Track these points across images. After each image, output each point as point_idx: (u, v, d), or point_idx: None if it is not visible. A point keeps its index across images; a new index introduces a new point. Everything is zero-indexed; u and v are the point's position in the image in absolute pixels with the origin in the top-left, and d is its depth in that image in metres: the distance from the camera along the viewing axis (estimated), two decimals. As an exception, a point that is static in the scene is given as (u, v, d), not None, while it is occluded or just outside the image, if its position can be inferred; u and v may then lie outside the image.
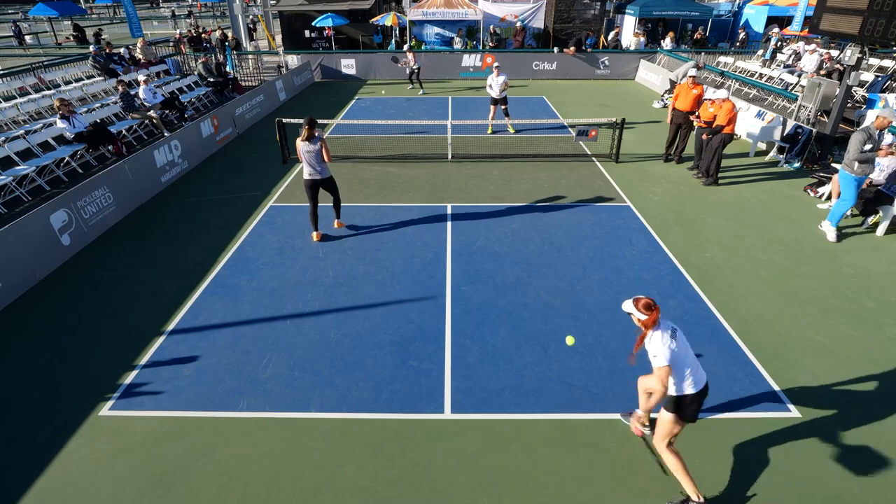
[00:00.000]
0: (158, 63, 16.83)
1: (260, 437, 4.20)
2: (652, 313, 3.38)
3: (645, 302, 3.40)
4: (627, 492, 3.75)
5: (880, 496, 3.71)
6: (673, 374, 3.40)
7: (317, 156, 6.73)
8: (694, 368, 3.49)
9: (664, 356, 3.31)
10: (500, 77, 11.46)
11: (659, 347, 3.33)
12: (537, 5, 22.06)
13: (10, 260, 6.04)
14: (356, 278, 6.38)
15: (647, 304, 3.39)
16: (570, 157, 10.60)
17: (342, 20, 20.97)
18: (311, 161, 6.75)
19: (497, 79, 11.45)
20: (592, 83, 18.63)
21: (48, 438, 4.20)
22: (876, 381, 4.76)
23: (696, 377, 3.48)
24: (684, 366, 3.44)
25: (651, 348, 3.38)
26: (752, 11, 23.23)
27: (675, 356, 3.37)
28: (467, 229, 7.56)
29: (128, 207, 8.26)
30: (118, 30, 35.79)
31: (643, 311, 3.39)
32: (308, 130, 6.60)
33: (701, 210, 8.23)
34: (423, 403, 4.51)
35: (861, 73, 12.27)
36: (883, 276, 6.45)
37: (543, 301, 5.91)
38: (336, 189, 7.33)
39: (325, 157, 6.78)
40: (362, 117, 13.74)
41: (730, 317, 5.63)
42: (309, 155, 6.71)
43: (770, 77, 16.16)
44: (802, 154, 10.09)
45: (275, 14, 24.52)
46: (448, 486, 3.80)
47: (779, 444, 4.11)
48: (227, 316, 5.70)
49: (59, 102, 9.96)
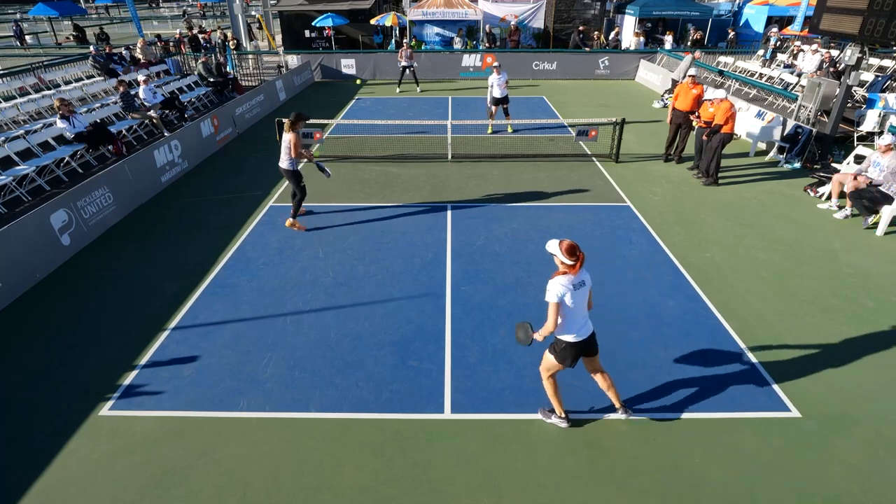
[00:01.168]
0: (158, 63, 16.83)
1: (260, 437, 4.20)
2: (576, 261, 3.62)
3: (568, 245, 3.62)
4: (627, 492, 3.75)
5: (880, 496, 3.71)
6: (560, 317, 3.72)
7: (285, 147, 7.06)
8: (581, 323, 3.83)
9: (555, 295, 3.62)
10: (501, 76, 11.45)
11: (556, 287, 3.63)
12: (537, 5, 22.07)
13: (10, 260, 6.03)
14: (356, 278, 6.38)
15: (570, 247, 3.62)
16: (570, 157, 10.60)
17: (342, 20, 20.98)
18: (282, 149, 7.13)
19: (498, 77, 11.43)
20: (592, 83, 18.63)
21: (48, 438, 4.20)
22: (876, 381, 4.76)
23: (578, 330, 3.81)
24: (571, 316, 3.75)
25: (550, 285, 3.66)
26: (752, 11, 23.25)
27: (566, 302, 3.66)
28: (467, 229, 7.56)
29: (128, 207, 8.26)
30: (118, 30, 35.79)
31: (566, 255, 3.61)
32: (290, 122, 6.98)
33: (701, 210, 8.23)
34: (423, 403, 4.51)
35: (861, 72, 12.28)
36: (883, 276, 6.44)
37: (543, 301, 5.88)
38: (298, 186, 7.34)
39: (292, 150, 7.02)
40: (362, 117, 13.74)
41: (730, 317, 5.63)
42: (283, 144, 7.10)
43: (770, 77, 16.17)
44: (802, 154, 10.09)
45: (275, 14, 24.52)
46: (448, 486, 3.80)
47: (779, 444, 4.11)
48: (227, 316, 5.70)
49: (59, 102, 9.96)
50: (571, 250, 3.61)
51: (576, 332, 3.81)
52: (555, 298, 3.64)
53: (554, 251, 3.66)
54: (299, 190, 7.35)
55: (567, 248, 3.61)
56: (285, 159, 7.13)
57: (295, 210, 7.47)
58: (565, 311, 3.70)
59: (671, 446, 4.10)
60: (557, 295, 3.63)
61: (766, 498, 3.69)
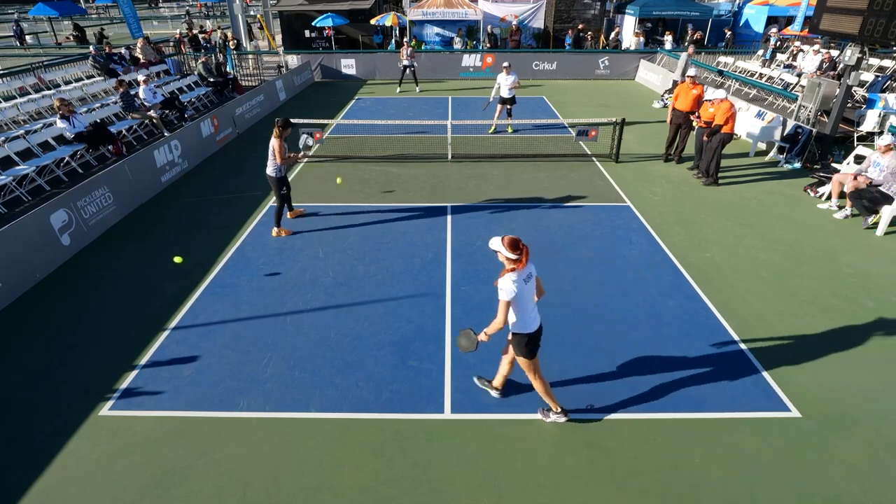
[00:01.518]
0: (158, 63, 16.82)
1: (260, 437, 4.20)
2: (521, 255, 3.66)
3: (511, 240, 3.66)
4: (627, 492, 3.75)
5: (880, 496, 3.71)
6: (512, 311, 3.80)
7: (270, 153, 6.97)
8: (534, 315, 3.90)
9: (509, 293, 3.65)
10: (511, 76, 11.41)
11: (508, 285, 3.65)
12: (537, 5, 22.08)
13: (10, 260, 6.03)
14: (356, 278, 6.38)
15: (513, 241, 3.66)
16: (570, 157, 10.60)
17: (342, 20, 20.99)
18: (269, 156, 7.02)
19: (507, 78, 11.39)
20: (592, 83, 18.63)
21: (48, 438, 4.20)
22: (876, 381, 4.76)
23: (532, 321, 3.89)
24: (525, 310, 3.81)
25: (502, 282, 3.68)
26: (752, 11, 23.25)
27: (517, 297, 3.71)
28: (467, 229, 7.56)
29: (128, 207, 8.26)
30: (119, 30, 35.78)
31: (510, 250, 3.64)
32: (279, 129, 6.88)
33: (701, 210, 8.23)
34: (423, 403, 4.51)
35: (861, 72, 12.28)
36: (883, 276, 6.45)
37: (543, 301, 5.87)
38: (277, 194, 7.23)
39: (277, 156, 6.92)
40: (362, 117, 13.74)
41: (730, 317, 5.63)
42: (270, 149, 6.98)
43: (770, 77, 16.17)
44: (802, 154, 10.09)
45: (275, 14, 24.52)
46: (448, 486, 3.80)
47: (779, 444, 4.11)
48: (227, 316, 5.70)
49: (59, 102, 9.95)
50: (514, 245, 3.65)
51: (532, 323, 3.90)
52: (507, 297, 3.67)
53: (497, 248, 3.69)
54: (279, 198, 7.25)
55: (510, 243, 3.64)
56: (271, 166, 7.02)
57: (277, 218, 7.37)
58: (520, 307, 3.76)
59: (671, 446, 4.10)
60: (510, 293, 3.66)
61: (766, 498, 3.69)
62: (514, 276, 3.69)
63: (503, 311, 3.70)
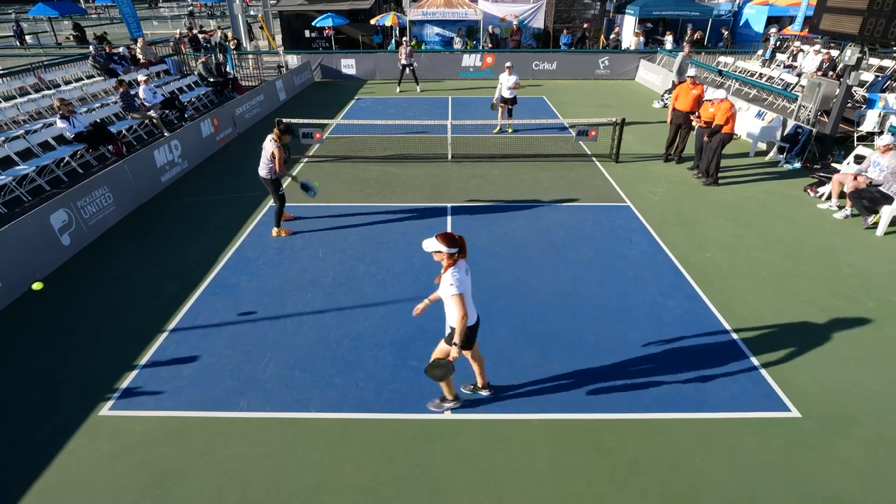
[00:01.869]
0: (158, 63, 16.82)
1: (260, 437, 4.20)
2: (459, 247, 3.69)
3: (445, 235, 3.68)
4: (627, 492, 3.75)
5: (880, 496, 3.71)
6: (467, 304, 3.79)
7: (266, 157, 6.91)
8: (473, 307, 3.93)
9: (460, 285, 3.66)
10: (513, 77, 11.39)
11: (457, 277, 3.66)
12: (537, 5, 22.08)
13: (10, 260, 6.03)
14: (356, 278, 6.38)
15: (447, 237, 3.67)
16: (570, 157, 10.60)
17: (342, 20, 20.99)
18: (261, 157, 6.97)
19: (509, 78, 11.37)
20: (592, 83, 18.63)
21: (48, 438, 4.20)
22: (876, 381, 4.76)
23: (472, 311, 3.91)
24: (469, 301, 3.83)
25: (452, 277, 3.66)
26: (752, 11, 23.25)
27: (467, 289, 3.75)
28: (467, 229, 7.55)
29: (128, 207, 8.26)
30: (119, 29, 35.78)
31: (448, 245, 3.65)
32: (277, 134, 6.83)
33: (701, 210, 8.23)
34: (423, 403, 4.51)
35: (861, 72, 12.28)
36: (883, 276, 6.44)
37: (543, 301, 5.91)
38: (275, 195, 7.21)
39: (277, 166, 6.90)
40: (362, 117, 13.74)
41: (730, 317, 5.63)
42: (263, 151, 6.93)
43: (770, 77, 16.17)
44: (802, 154, 10.09)
45: (275, 14, 24.52)
46: (448, 486, 3.80)
47: (779, 444, 4.11)
48: (227, 316, 5.70)
49: (59, 102, 9.95)
50: (450, 239, 3.66)
51: (474, 314, 3.93)
52: (460, 289, 3.67)
53: (434, 248, 3.68)
54: (278, 199, 7.22)
55: (446, 239, 3.66)
56: (265, 168, 6.96)
57: (277, 219, 7.35)
58: (466, 299, 3.77)
59: (671, 446, 4.10)
60: (461, 285, 3.68)
61: (766, 498, 3.69)
62: (459, 270, 3.71)
63: (461, 306, 3.67)
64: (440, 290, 3.79)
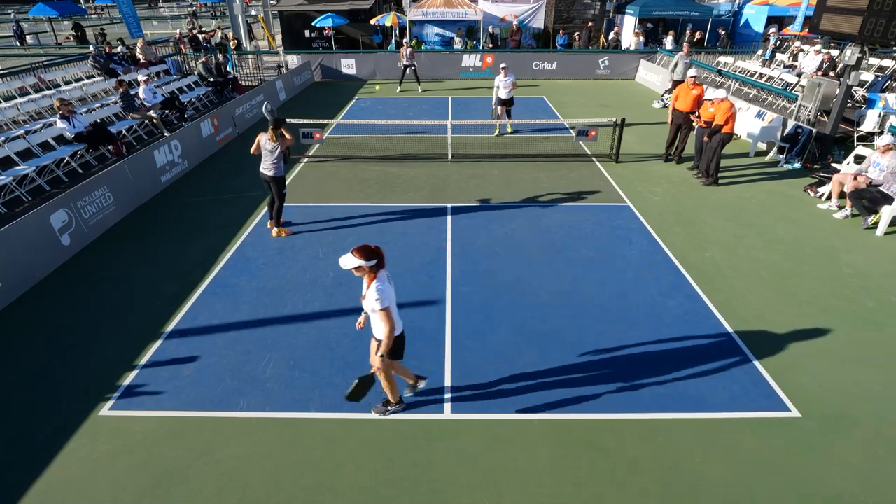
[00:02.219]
0: (158, 63, 16.82)
1: (260, 437, 4.20)
2: (379, 257, 3.60)
3: (362, 249, 3.56)
4: (627, 492, 3.75)
5: (880, 496, 3.71)
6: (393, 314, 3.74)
7: (275, 156, 6.91)
8: (398, 317, 3.88)
9: (387, 298, 3.61)
10: (509, 77, 11.38)
11: (383, 291, 3.60)
12: (537, 5, 22.08)
13: (10, 260, 6.03)
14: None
15: (365, 249, 3.56)
16: (570, 157, 10.60)
17: (342, 20, 20.99)
18: (267, 157, 6.95)
19: (505, 79, 11.36)
20: (592, 83, 18.63)
21: (48, 438, 4.20)
22: (876, 381, 4.76)
23: (398, 323, 3.86)
24: (395, 310, 3.78)
25: (377, 291, 3.59)
26: (752, 11, 23.24)
27: (392, 300, 3.70)
28: (467, 229, 7.56)
29: (128, 207, 8.26)
30: (119, 29, 35.78)
31: (366, 258, 3.55)
32: (273, 130, 6.82)
33: (701, 210, 8.23)
34: (423, 403, 4.51)
35: (861, 72, 12.28)
36: (883, 276, 6.44)
37: (543, 301, 5.91)
38: (280, 194, 7.21)
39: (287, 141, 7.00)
40: (362, 117, 13.74)
41: (730, 317, 5.63)
42: (267, 152, 6.92)
43: (770, 77, 16.16)
44: (802, 154, 10.09)
45: (275, 14, 24.52)
46: (448, 486, 3.80)
47: (779, 444, 4.11)
48: (227, 316, 5.70)
49: (59, 102, 9.95)
50: (368, 252, 3.57)
51: (400, 324, 3.89)
52: (388, 302, 3.61)
53: (352, 264, 3.56)
54: (279, 197, 7.22)
55: (364, 253, 3.55)
56: (271, 167, 6.95)
57: (277, 217, 7.36)
58: (392, 310, 3.72)
59: (671, 446, 4.10)
60: (388, 297, 3.62)
61: (766, 498, 3.69)
62: (380, 282, 3.63)
63: (388, 320, 3.63)
64: (365, 305, 3.69)
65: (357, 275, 3.66)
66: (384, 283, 3.64)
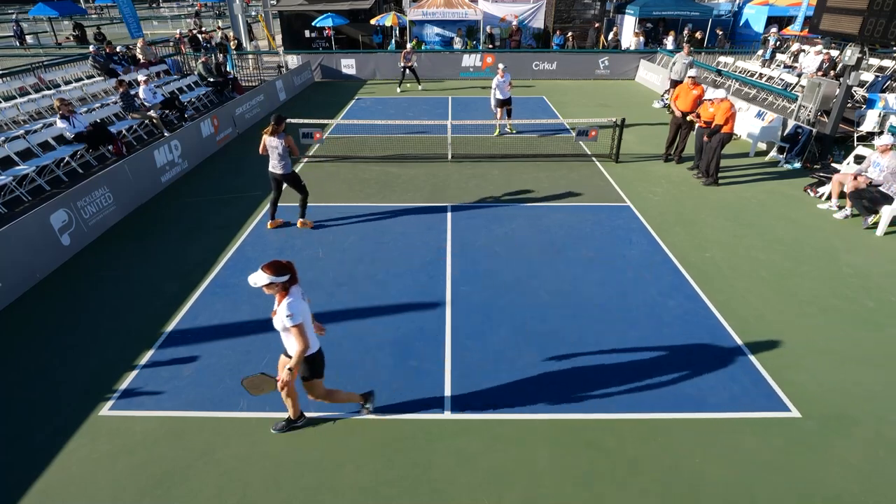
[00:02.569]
0: (158, 63, 16.82)
1: (260, 437, 4.20)
2: (291, 272, 3.45)
3: (272, 265, 3.40)
4: (627, 492, 3.75)
5: (880, 496, 3.71)
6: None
7: (279, 152, 6.98)
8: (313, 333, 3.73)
9: (299, 314, 3.44)
10: (505, 78, 11.36)
11: (295, 307, 3.43)
12: (537, 5, 22.08)
13: (10, 260, 6.03)
14: (356, 278, 6.37)
15: (276, 266, 3.41)
16: (570, 157, 10.60)
17: (342, 20, 20.99)
18: (273, 155, 7.03)
19: (502, 80, 11.33)
20: (592, 83, 18.63)
21: (48, 438, 4.20)
22: (876, 380, 4.76)
23: (314, 339, 3.69)
24: (310, 327, 3.62)
25: (289, 308, 3.42)
26: (752, 11, 23.24)
27: (306, 317, 3.53)
28: (467, 229, 7.56)
29: (128, 207, 8.26)
30: (119, 29, 35.78)
31: (277, 274, 3.39)
32: (273, 126, 6.89)
33: (701, 210, 8.23)
34: (423, 403, 4.51)
35: (861, 72, 12.28)
36: (883, 276, 6.44)
37: (543, 301, 5.91)
38: (300, 187, 7.39)
39: (292, 151, 7.11)
40: (362, 117, 13.74)
41: (730, 317, 5.63)
42: (272, 150, 7.00)
43: (770, 77, 16.17)
44: (802, 154, 10.09)
45: (275, 14, 24.52)
46: (448, 486, 3.80)
47: (779, 444, 4.11)
48: (227, 316, 5.70)
49: (59, 102, 9.95)
50: (278, 268, 3.42)
51: (316, 339, 3.74)
52: (300, 318, 3.46)
53: (263, 281, 3.38)
54: (301, 189, 7.40)
55: (275, 269, 3.40)
56: (279, 165, 7.03)
57: (303, 209, 7.56)
58: (306, 326, 3.55)
59: (671, 446, 4.10)
60: (301, 313, 3.46)
61: (766, 498, 3.69)
62: (292, 298, 3.47)
63: (301, 337, 3.47)
64: (276, 323, 3.52)
65: (268, 292, 3.47)
66: (297, 299, 3.48)
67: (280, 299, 3.49)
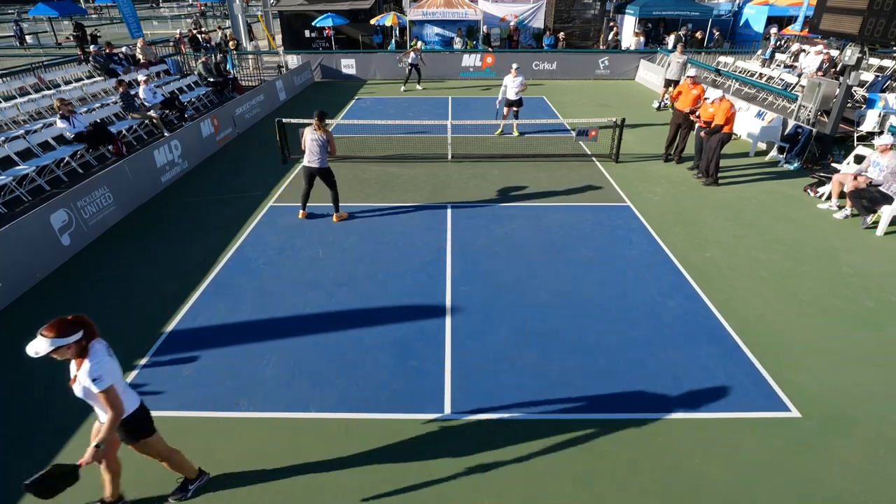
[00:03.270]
0: (158, 63, 16.82)
1: (260, 437, 4.20)
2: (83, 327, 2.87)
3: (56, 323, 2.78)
4: (627, 492, 3.75)
5: (880, 496, 3.71)
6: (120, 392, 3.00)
7: (319, 145, 7.31)
8: (130, 389, 3.22)
9: (109, 375, 2.90)
10: (518, 78, 11.31)
11: (100, 367, 2.87)
12: (537, 5, 22.06)
13: (10, 260, 6.03)
14: (356, 278, 6.37)
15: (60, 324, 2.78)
16: (570, 157, 10.60)
17: (342, 20, 20.97)
18: (313, 149, 7.35)
19: (514, 80, 11.29)
20: (592, 83, 18.63)
21: (48, 438, 4.20)
22: (876, 380, 4.76)
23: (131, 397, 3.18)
24: (123, 384, 3.10)
25: (92, 371, 2.84)
26: (752, 11, 23.24)
27: (116, 375, 2.99)
28: (467, 229, 7.56)
29: (128, 207, 8.26)
30: (119, 29, 35.77)
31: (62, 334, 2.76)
32: (318, 122, 7.25)
33: (701, 210, 8.23)
34: (423, 403, 4.51)
35: (861, 72, 12.28)
36: (883, 276, 6.44)
37: (543, 301, 5.91)
38: (333, 183, 7.66)
39: (331, 149, 7.40)
40: (362, 117, 13.74)
41: (730, 317, 5.63)
42: (313, 143, 7.32)
43: (770, 77, 16.16)
44: (802, 154, 10.09)
45: (275, 14, 24.51)
46: (448, 486, 3.80)
47: (779, 444, 4.11)
48: (227, 316, 5.70)
49: (59, 102, 9.96)
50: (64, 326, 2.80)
51: (135, 396, 3.23)
52: (111, 379, 2.90)
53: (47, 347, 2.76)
54: (332, 185, 7.68)
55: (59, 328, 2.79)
56: (316, 160, 7.35)
57: (336, 204, 7.81)
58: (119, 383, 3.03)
59: (671, 446, 4.10)
60: (111, 373, 2.92)
61: (766, 498, 3.69)
62: (101, 356, 2.92)
63: (114, 399, 2.90)
64: (77, 391, 2.91)
65: (60, 357, 2.84)
66: (101, 358, 2.89)
67: (79, 363, 2.89)
